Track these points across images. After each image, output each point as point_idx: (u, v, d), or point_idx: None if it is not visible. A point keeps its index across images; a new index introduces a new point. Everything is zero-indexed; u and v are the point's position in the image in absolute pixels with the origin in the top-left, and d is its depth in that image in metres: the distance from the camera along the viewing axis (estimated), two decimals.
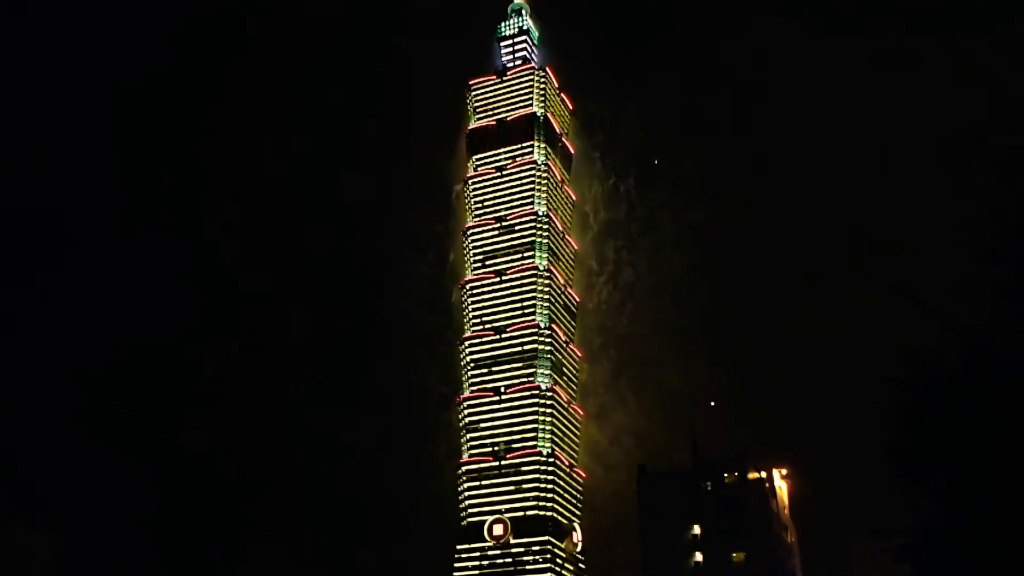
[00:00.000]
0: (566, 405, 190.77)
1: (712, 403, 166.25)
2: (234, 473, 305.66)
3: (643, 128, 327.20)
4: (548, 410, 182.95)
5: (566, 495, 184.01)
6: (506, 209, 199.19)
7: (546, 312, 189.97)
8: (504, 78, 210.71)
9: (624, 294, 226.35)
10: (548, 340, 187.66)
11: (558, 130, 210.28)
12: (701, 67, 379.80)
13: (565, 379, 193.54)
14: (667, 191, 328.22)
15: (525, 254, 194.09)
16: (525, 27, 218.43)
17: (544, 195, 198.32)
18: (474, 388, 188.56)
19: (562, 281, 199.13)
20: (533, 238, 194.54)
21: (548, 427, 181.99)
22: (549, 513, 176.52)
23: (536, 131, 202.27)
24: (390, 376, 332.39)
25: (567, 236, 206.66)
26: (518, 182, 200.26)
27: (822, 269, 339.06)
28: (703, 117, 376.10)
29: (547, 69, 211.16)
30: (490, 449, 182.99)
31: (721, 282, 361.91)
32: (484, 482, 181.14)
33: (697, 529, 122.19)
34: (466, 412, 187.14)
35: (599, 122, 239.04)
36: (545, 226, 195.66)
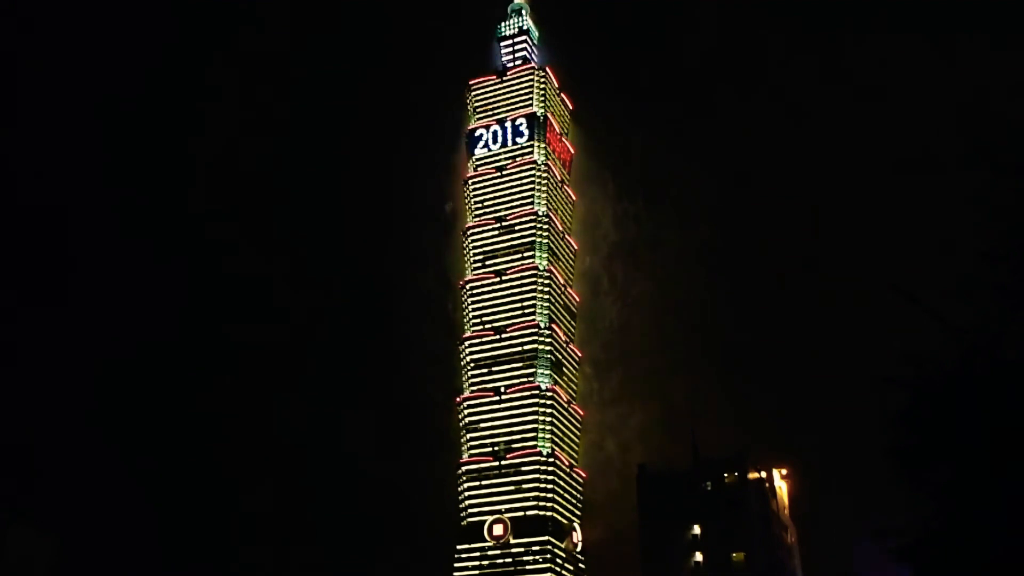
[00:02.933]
0: (566, 405, 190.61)
1: (716, 428, 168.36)
2: (234, 474, 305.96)
3: (649, 145, 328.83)
4: (548, 410, 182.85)
5: (566, 495, 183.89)
6: (506, 209, 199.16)
7: (546, 312, 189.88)
8: (504, 78, 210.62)
9: (631, 310, 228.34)
10: (548, 340, 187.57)
11: (558, 130, 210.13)
12: (700, 71, 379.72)
13: (565, 379, 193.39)
14: (672, 211, 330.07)
15: (525, 254, 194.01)
16: (525, 27, 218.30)
17: (544, 195, 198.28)
18: (474, 388, 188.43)
19: (562, 281, 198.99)
20: (533, 238, 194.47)
21: (548, 427, 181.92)
22: (549, 513, 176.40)
23: (536, 131, 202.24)
24: (391, 378, 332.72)
25: (567, 236, 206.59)
26: (518, 182, 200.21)
27: (822, 269, 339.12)
28: (705, 128, 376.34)
29: (547, 69, 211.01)
30: (490, 449, 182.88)
31: (722, 284, 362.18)
32: (484, 482, 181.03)
33: (697, 529, 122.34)
34: (466, 412, 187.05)
35: (610, 148, 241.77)
36: (545, 226, 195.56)
